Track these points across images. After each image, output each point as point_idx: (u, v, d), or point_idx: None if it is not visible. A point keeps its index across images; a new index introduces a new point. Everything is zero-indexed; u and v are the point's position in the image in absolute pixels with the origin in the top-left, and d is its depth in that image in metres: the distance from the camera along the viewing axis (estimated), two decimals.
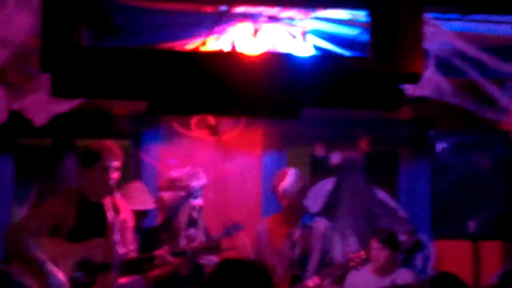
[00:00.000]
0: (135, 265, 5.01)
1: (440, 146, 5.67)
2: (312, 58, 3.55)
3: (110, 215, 4.87)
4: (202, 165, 5.89)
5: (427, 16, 3.75)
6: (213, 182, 5.84)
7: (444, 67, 4.53)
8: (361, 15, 4.33)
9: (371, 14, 3.27)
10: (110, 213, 4.88)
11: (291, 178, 5.82)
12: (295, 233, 5.82)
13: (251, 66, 3.10)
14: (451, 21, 4.36)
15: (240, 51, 4.76)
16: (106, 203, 4.92)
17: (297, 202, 5.84)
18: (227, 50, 4.90)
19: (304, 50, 4.80)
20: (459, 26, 4.47)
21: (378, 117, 6.29)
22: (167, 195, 5.36)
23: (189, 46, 4.99)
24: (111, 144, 4.98)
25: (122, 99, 3.42)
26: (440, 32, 4.28)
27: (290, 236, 5.76)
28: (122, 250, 4.69)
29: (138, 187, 5.98)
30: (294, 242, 5.78)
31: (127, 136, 6.63)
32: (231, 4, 4.27)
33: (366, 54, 3.28)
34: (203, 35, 4.85)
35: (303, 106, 3.18)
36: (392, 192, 7.00)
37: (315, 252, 5.82)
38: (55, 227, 4.83)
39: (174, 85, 3.10)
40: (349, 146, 6.83)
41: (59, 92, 3.13)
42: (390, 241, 5.94)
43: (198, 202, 5.37)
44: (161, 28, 4.74)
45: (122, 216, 4.78)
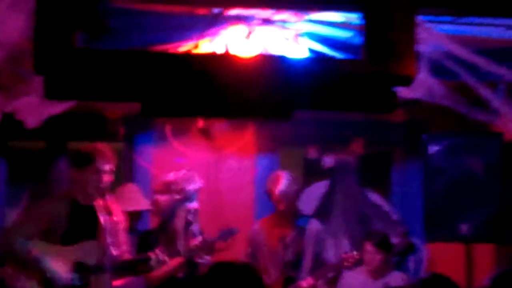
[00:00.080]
0: (130, 266, 5.01)
1: (432, 149, 5.68)
2: (305, 60, 3.55)
3: (102, 217, 4.86)
4: (195, 167, 5.89)
5: (419, 19, 3.76)
6: (206, 185, 5.84)
7: (437, 69, 4.54)
8: (354, 18, 4.33)
9: (364, 17, 3.28)
10: (102, 215, 4.87)
11: (286, 181, 5.81)
12: (288, 235, 5.82)
13: (244, 69, 3.10)
14: (444, 24, 4.37)
15: (233, 53, 4.76)
16: (98, 205, 4.91)
17: (292, 205, 5.85)
18: (221, 52, 4.90)
19: (297, 53, 4.81)
20: (452, 29, 4.48)
21: (371, 119, 6.30)
22: (163, 198, 5.37)
23: (182, 49, 4.99)
24: (104, 147, 4.97)
25: (115, 101, 3.43)
26: (433, 34, 4.29)
27: (283, 238, 5.76)
28: (116, 252, 4.68)
29: (132, 189, 5.99)
30: (287, 244, 5.78)
31: (120, 138, 6.62)
32: (224, 7, 4.28)
33: (359, 57, 3.28)
34: (196, 37, 4.85)
35: (296, 108, 3.18)
36: (385, 194, 7.00)
37: (308, 253, 5.83)
38: (47, 230, 4.82)
39: (167, 87, 3.10)
40: (342, 149, 6.83)
41: (52, 94, 3.13)
42: (384, 244, 5.94)
43: (194, 205, 5.38)
44: (154, 30, 4.74)
45: (115, 218, 4.77)
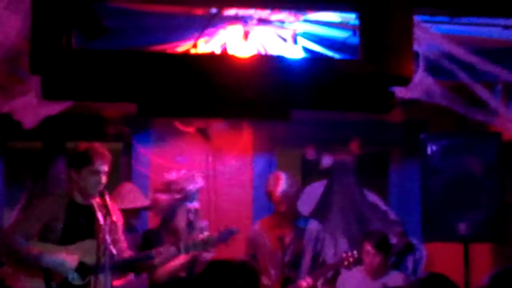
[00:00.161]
0: (132, 264, 5.02)
1: (430, 149, 5.68)
2: (303, 60, 3.55)
3: (100, 216, 4.86)
4: (193, 167, 5.90)
5: (416, 19, 3.76)
6: (204, 184, 5.83)
7: (434, 69, 4.54)
8: (351, 18, 4.34)
9: (361, 17, 3.27)
10: (100, 214, 4.87)
11: (287, 182, 5.76)
12: (288, 235, 5.81)
13: (242, 68, 3.10)
14: (441, 24, 4.37)
15: (231, 53, 4.76)
16: (96, 204, 4.91)
17: (293, 206, 5.82)
18: (218, 52, 4.90)
19: (294, 53, 4.80)
20: (449, 29, 4.47)
21: (368, 119, 6.30)
22: (163, 197, 5.38)
23: (180, 49, 4.99)
24: (101, 148, 4.97)
25: (113, 102, 3.42)
26: (430, 34, 4.29)
27: (282, 238, 5.75)
28: (115, 250, 4.69)
29: (129, 188, 6.02)
30: (287, 244, 5.77)
31: (118, 138, 6.62)
32: (221, 7, 4.27)
33: (356, 57, 3.28)
34: (194, 37, 4.85)
35: (294, 108, 3.18)
36: (383, 194, 7.01)
37: (308, 254, 5.82)
38: (45, 230, 4.82)
39: (164, 87, 3.10)
40: (340, 149, 6.83)
41: (49, 94, 3.13)
42: (383, 245, 5.94)
43: (194, 205, 5.39)
44: (151, 31, 4.74)
45: (113, 217, 4.78)
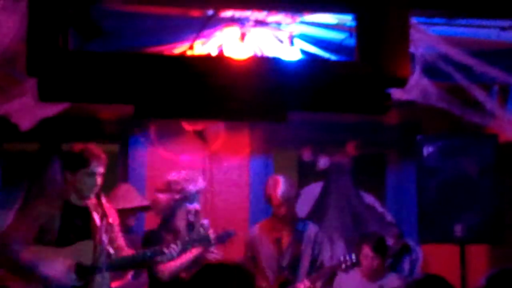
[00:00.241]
0: (132, 261, 5.03)
1: (427, 150, 5.68)
2: (299, 62, 3.56)
3: (96, 217, 4.86)
4: (190, 169, 5.88)
5: (413, 20, 3.77)
6: (204, 186, 5.82)
7: (431, 71, 4.54)
8: (348, 20, 4.34)
9: (357, 19, 3.28)
10: (96, 215, 4.87)
11: (286, 185, 5.72)
12: (286, 238, 5.80)
13: (238, 70, 3.11)
14: (437, 25, 4.38)
15: (227, 55, 4.76)
16: (92, 205, 4.91)
17: (292, 209, 5.81)
18: (215, 54, 4.90)
19: (291, 54, 4.81)
20: (445, 31, 4.48)
21: (365, 121, 6.30)
22: (163, 197, 5.38)
23: (176, 50, 4.99)
24: (97, 149, 4.97)
25: (109, 103, 3.41)
26: (426, 36, 4.29)
27: (279, 241, 5.74)
28: (112, 250, 4.69)
29: (126, 188, 6.03)
30: (285, 247, 5.76)
31: (114, 140, 6.61)
32: (218, 9, 4.27)
33: (353, 59, 3.29)
34: (190, 39, 4.85)
35: (290, 110, 3.18)
36: (379, 196, 7.01)
37: (306, 256, 5.80)
38: (42, 233, 4.82)
39: (161, 89, 3.10)
40: (336, 150, 6.83)
41: (45, 96, 3.13)
42: (382, 248, 5.93)
43: (194, 206, 5.38)
44: (148, 32, 4.73)
45: (110, 218, 4.78)
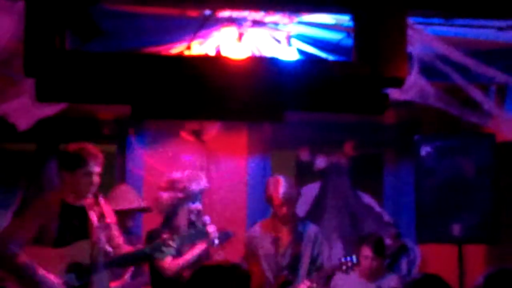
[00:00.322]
0: (132, 259, 5.03)
1: (424, 150, 5.69)
2: (297, 62, 3.55)
3: (94, 216, 4.86)
4: (187, 169, 5.88)
5: (410, 20, 3.77)
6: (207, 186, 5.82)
7: (428, 71, 4.55)
8: (345, 20, 4.34)
9: (355, 19, 3.28)
10: (93, 214, 4.86)
11: (286, 185, 5.70)
12: (286, 238, 5.79)
13: (236, 70, 3.11)
14: (435, 25, 4.38)
15: (224, 55, 4.75)
16: (89, 204, 4.91)
17: (293, 209, 5.79)
18: (212, 54, 4.89)
19: (288, 55, 4.81)
20: (443, 31, 4.48)
21: (362, 121, 6.30)
22: (165, 195, 5.39)
23: (174, 50, 4.98)
24: (94, 148, 4.96)
25: (107, 104, 3.42)
26: (424, 36, 4.30)
27: (278, 241, 5.73)
28: (110, 248, 4.69)
29: (125, 189, 6.04)
30: (285, 247, 5.76)
31: (112, 140, 6.61)
32: (215, 9, 4.27)
33: (350, 59, 3.29)
34: (188, 39, 4.85)
35: (288, 110, 3.19)
36: (377, 196, 7.01)
37: (306, 257, 5.79)
38: (39, 232, 4.81)
39: (158, 89, 3.10)
40: (334, 150, 6.84)
41: (43, 96, 3.13)
42: (381, 249, 5.93)
43: (196, 206, 5.39)
44: (146, 32, 4.73)
45: (108, 219, 4.78)
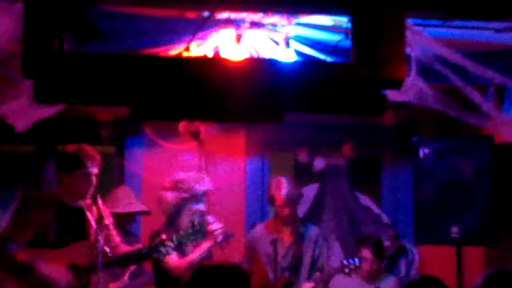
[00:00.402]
0: (132, 257, 5.03)
1: (423, 152, 5.69)
2: (295, 63, 3.56)
3: (91, 218, 4.85)
4: (186, 170, 5.87)
5: (408, 22, 3.77)
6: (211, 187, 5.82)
7: (426, 72, 4.55)
8: (343, 21, 4.34)
9: (353, 20, 3.28)
10: (91, 215, 4.86)
11: (288, 186, 5.68)
12: (288, 239, 5.78)
13: (234, 72, 3.10)
14: (433, 27, 4.38)
15: (223, 56, 4.75)
16: (86, 205, 4.90)
17: (295, 210, 5.78)
18: (210, 55, 4.90)
19: (286, 56, 4.81)
20: (441, 32, 4.49)
21: (361, 122, 6.30)
22: (169, 195, 5.37)
23: (172, 52, 4.98)
24: (91, 150, 4.96)
25: (105, 105, 3.41)
26: (422, 38, 4.30)
27: (282, 242, 5.72)
28: (108, 249, 4.69)
29: (125, 191, 6.01)
30: (286, 248, 5.75)
31: (110, 142, 6.61)
32: (214, 10, 4.27)
33: (349, 60, 3.29)
34: (186, 40, 4.85)
35: (286, 111, 3.19)
36: (375, 197, 7.01)
37: (307, 258, 5.78)
38: (38, 234, 4.81)
39: (156, 90, 3.10)
40: (332, 152, 6.84)
41: (41, 98, 3.12)
42: (381, 252, 5.93)
43: (200, 207, 5.38)
44: (144, 34, 4.73)
45: (106, 220, 4.77)
